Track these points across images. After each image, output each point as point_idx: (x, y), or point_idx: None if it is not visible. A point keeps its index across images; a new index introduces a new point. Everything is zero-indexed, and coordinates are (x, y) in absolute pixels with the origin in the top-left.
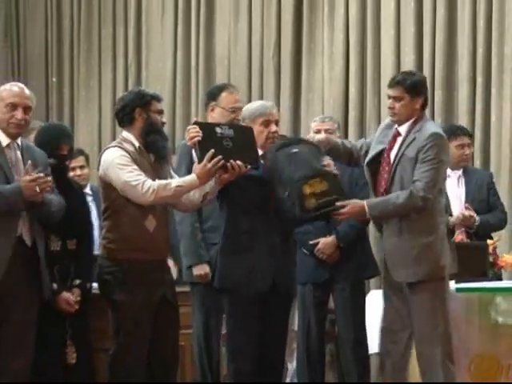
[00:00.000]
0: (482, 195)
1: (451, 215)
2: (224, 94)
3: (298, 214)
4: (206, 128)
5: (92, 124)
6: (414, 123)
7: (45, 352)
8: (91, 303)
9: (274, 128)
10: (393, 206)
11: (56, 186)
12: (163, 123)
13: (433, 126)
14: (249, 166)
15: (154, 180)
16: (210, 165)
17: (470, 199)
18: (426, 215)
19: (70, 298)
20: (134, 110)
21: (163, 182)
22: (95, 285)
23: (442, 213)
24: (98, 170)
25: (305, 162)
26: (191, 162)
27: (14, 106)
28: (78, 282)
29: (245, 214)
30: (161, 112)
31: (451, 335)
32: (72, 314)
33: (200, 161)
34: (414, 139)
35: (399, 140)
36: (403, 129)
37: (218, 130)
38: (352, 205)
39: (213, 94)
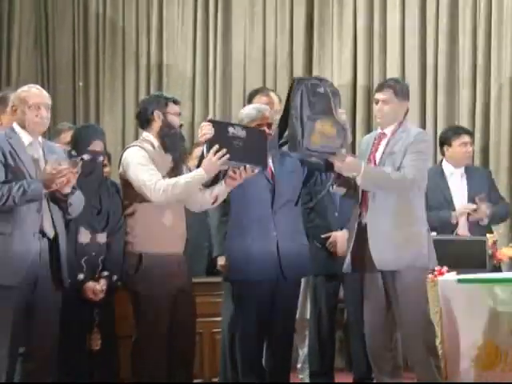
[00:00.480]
0: (484, 191)
1: (454, 210)
2: (258, 97)
3: (303, 143)
4: (219, 126)
5: (116, 125)
6: (398, 125)
7: (72, 338)
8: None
9: (266, 131)
10: (385, 179)
11: (88, 181)
12: (181, 125)
13: (417, 128)
14: (256, 170)
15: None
16: (214, 158)
17: (473, 196)
18: (407, 209)
19: (96, 287)
20: (153, 112)
21: (172, 180)
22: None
23: (423, 209)
24: (119, 168)
25: (325, 103)
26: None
27: (37, 106)
28: (105, 273)
29: (249, 208)
30: (178, 114)
31: (432, 323)
32: (99, 303)
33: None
34: (401, 138)
35: (384, 140)
36: (388, 130)
37: (231, 129)
38: (351, 160)
39: (249, 95)
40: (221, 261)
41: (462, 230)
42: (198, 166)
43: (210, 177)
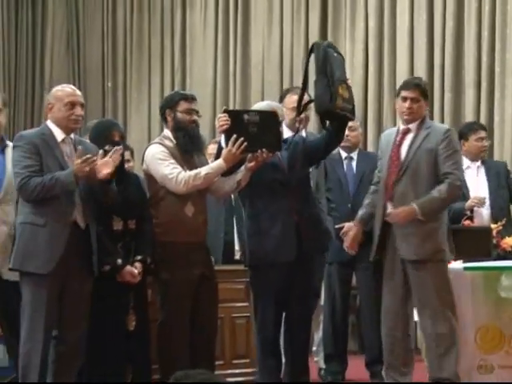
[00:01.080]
0: (503, 182)
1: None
2: (288, 95)
3: (332, 105)
4: (235, 115)
5: (142, 123)
6: (422, 122)
7: (110, 319)
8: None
9: (277, 113)
10: (440, 202)
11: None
12: (193, 121)
13: (440, 124)
14: (272, 154)
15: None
16: (234, 148)
17: (494, 187)
18: None
19: (134, 270)
20: (165, 111)
21: (193, 172)
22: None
23: None
24: (142, 164)
25: (340, 67)
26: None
27: (72, 105)
28: (139, 257)
29: (262, 197)
30: (190, 111)
31: (451, 316)
32: (135, 286)
33: (227, 146)
34: (429, 134)
35: (410, 136)
36: (413, 126)
37: (245, 116)
38: (402, 211)
39: (280, 97)
40: None
41: (480, 220)
42: (218, 156)
43: (229, 167)
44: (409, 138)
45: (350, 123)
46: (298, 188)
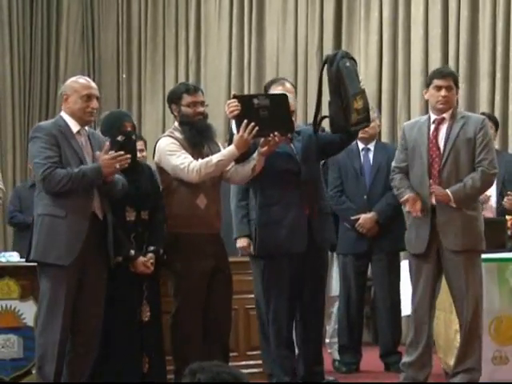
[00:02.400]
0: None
1: None
2: (273, 86)
3: (347, 125)
4: (245, 100)
5: (157, 114)
6: (454, 110)
7: (124, 309)
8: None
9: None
10: (473, 190)
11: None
12: (198, 113)
13: (474, 114)
14: (285, 136)
15: None
16: (245, 134)
17: (501, 180)
18: None
19: (147, 261)
20: (171, 106)
21: (205, 160)
22: None
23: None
24: (153, 157)
25: (353, 78)
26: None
27: (89, 97)
28: (152, 248)
29: (275, 187)
30: (195, 103)
31: (481, 303)
32: (148, 277)
33: (238, 132)
34: (465, 123)
35: (444, 125)
36: (447, 115)
37: (255, 100)
38: (440, 192)
39: (265, 86)
40: (240, 243)
41: (488, 212)
42: (230, 143)
43: (241, 152)
44: (444, 127)
45: None
46: (311, 180)
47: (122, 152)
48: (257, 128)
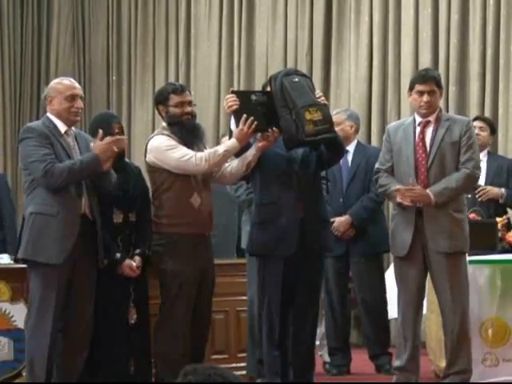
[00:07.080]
0: (502, 179)
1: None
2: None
3: (300, 136)
4: (243, 96)
5: (147, 116)
6: (439, 112)
7: (111, 312)
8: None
9: None
10: (455, 190)
11: (115, 165)
12: (186, 113)
13: (459, 116)
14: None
15: None
16: (245, 128)
17: (489, 182)
18: (459, 197)
19: (133, 264)
20: (158, 107)
21: (211, 150)
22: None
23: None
24: (145, 157)
25: (304, 91)
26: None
27: (73, 97)
28: (138, 250)
29: (272, 187)
30: (182, 103)
31: (468, 304)
32: (136, 279)
33: (237, 126)
34: (450, 126)
35: (430, 128)
36: (432, 118)
37: (253, 97)
38: (419, 191)
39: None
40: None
41: (473, 215)
42: (230, 137)
43: (242, 145)
44: (430, 130)
45: (333, 118)
46: (309, 184)
47: (116, 136)
48: (256, 123)
